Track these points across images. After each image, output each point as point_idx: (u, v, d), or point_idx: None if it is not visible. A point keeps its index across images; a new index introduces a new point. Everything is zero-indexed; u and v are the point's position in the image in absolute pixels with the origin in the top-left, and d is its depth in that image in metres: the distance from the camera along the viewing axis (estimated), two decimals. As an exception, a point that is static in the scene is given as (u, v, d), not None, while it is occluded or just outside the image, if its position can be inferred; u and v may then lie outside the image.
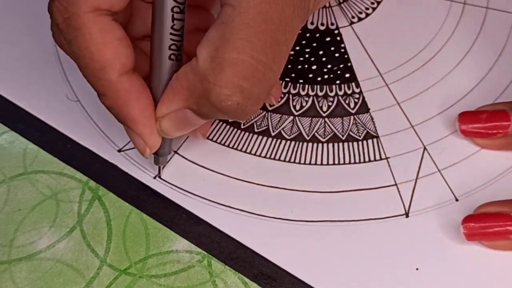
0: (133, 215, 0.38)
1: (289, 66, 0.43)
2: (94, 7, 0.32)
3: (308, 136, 0.40)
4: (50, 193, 0.39)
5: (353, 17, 0.45)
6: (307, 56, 0.43)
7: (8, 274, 0.36)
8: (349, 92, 0.42)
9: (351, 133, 0.40)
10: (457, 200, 0.37)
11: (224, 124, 0.41)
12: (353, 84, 0.42)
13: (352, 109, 0.41)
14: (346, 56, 0.43)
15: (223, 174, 0.39)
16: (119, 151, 0.40)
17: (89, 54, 0.32)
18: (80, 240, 0.37)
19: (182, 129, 0.35)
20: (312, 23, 0.45)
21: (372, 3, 0.46)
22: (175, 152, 0.40)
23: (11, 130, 0.41)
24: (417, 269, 0.35)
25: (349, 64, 0.43)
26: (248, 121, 0.41)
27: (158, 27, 0.33)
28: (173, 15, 0.33)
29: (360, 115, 0.41)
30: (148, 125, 0.34)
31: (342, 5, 0.46)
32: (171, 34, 0.33)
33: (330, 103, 0.41)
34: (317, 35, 0.44)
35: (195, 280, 0.36)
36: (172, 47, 0.33)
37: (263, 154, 0.39)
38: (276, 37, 0.31)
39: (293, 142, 0.40)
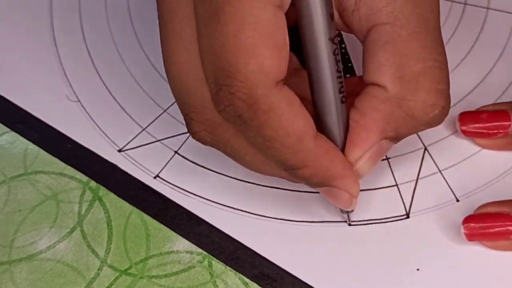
0: (134, 216, 0.38)
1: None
2: (275, 81, 0.29)
3: (308, 136, 0.40)
4: (50, 194, 0.39)
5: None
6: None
7: (9, 275, 0.36)
8: (350, 92, 0.41)
9: (351, 133, 0.40)
10: (458, 200, 0.37)
11: (225, 124, 0.41)
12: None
13: (353, 109, 0.41)
14: (346, 56, 0.43)
15: (223, 174, 0.39)
16: (119, 151, 0.40)
17: (283, 131, 0.30)
18: (80, 241, 0.37)
19: (375, 163, 0.34)
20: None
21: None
22: (176, 152, 0.40)
23: (11, 131, 0.41)
24: (418, 269, 0.35)
25: (349, 65, 0.43)
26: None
27: (323, 73, 0.31)
28: (335, 58, 0.31)
29: (361, 115, 0.40)
30: (351, 175, 0.33)
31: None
32: (337, 77, 0.32)
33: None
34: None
35: (196, 281, 0.36)
36: (342, 89, 0.32)
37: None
38: (438, 33, 0.32)
39: (293, 143, 0.40)
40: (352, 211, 0.36)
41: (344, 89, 0.32)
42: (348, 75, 0.42)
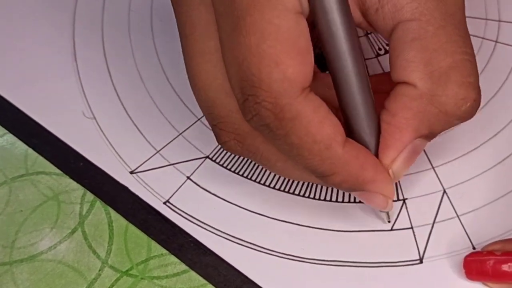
0: (135, 216, 0.38)
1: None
2: (301, 88, 0.29)
3: (324, 170, 0.39)
4: (51, 194, 0.39)
5: (379, 49, 0.44)
6: (330, 87, 0.42)
7: (10, 276, 0.36)
8: (370, 127, 0.40)
9: (369, 170, 0.39)
10: (474, 248, 0.36)
11: (240, 153, 0.40)
12: (375, 119, 0.41)
13: (373, 145, 0.40)
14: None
15: (235, 204, 0.38)
16: (131, 172, 0.39)
17: (310, 139, 0.30)
18: (81, 242, 0.37)
19: (411, 163, 0.33)
20: (337, 53, 0.44)
21: (401, 36, 0.44)
22: (188, 177, 0.39)
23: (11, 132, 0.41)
24: (427, 318, 0.34)
25: (372, 98, 0.42)
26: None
27: (348, 76, 0.31)
28: (359, 58, 0.31)
29: (380, 152, 0.39)
30: (385, 178, 0.32)
31: (369, 36, 0.45)
32: (363, 79, 0.31)
33: (350, 138, 0.40)
34: (342, 65, 0.43)
35: (197, 282, 0.35)
36: (369, 91, 0.32)
37: (277, 187, 0.38)
38: (464, 26, 0.31)
39: (309, 176, 0.39)
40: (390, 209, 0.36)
41: (371, 90, 0.32)
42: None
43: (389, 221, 0.37)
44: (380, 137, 0.32)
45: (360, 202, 0.38)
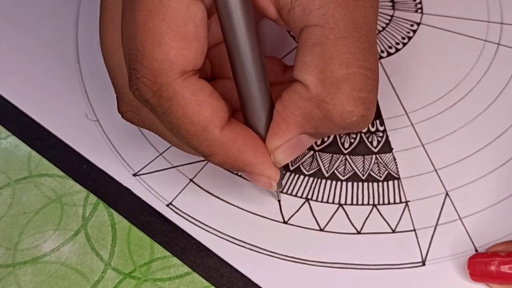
0: (138, 218, 0.38)
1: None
2: (181, 71, 0.30)
3: (327, 173, 0.39)
4: (54, 197, 0.39)
5: (382, 52, 0.44)
6: (332, 89, 0.42)
7: (13, 278, 0.36)
8: (372, 129, 0.40)
9: (372, 172, 0.39)
10: (476, 251, 0.36)
11: (242, 155, 0.40)
12: (378, 121, 0.41)
13: (375, 147, 0.40)
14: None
15: (237, 207, 0.38)
16: (134, 175, 0.39)
17: (187, 120, 0.31)
18: (84, 244, 0.37)
19: (295, 154, 0.34)
20: (340, 55, 0.44)
21: (403, 38, 0.44)
22: (191, 180, 0.39)
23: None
24: (430, 321, 0.34)
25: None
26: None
27: (240, 65, 0.32)
28: (256, 44, 0.32)
29: (382, 154, 0.40)
30: (265, 161, 0.34)
31: (372, 38, 0.45)
32: (259, 68, 0.32)
33: (352, 140, 0.40)
34: (344, 68, 0.43)
35: (200, 284, 0.36)
36: (264, 78, 0.33)
37: (280, 189, 0.38)
38: (369, 41, 0.31)
39: (311, 178, 0.39)
40: (282, 189, 0.38)
41: (266, 79, 0.33)
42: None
43: (278, 200, 0.38)
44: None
45: (361, 204, 0.38)
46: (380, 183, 0.38)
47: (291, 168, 0.39)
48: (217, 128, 0.32)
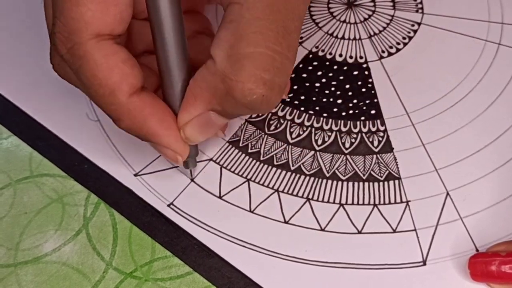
0: (139, 218, 0.38)
1: (314, 98, 0.42)
2: (95, 33, 0.32)
3: (328, 172, 0.39)
4: (56, 197, 0.39)
5: (383, 51, 0.44)
6: (333, 89, 0.42)
7: (14, 277, 0.36)
8: (373, 129, 0.41)
9: (372, 172, 0.39)
10: (477, 250, 0.36)
11: (243, 155, 0.40)
12: (378, 121, 0.41)
13: (376, 147, 0.40)
14: (373, 91, 0.42)
15: (238, 207, 0.38)
16: (136, 175, 0.39)
17: (97, 81, 0.32)
18: (85, 244, 0.37)
19: (206, 132, 0.35)
20: (340, 55, 0.44)
21: (404, 38, 0.45)
22: (192, 180, 0.39)
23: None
24: (431, 321, 0.34)
25: (375, 100, 0.42)
26: (268, 153, 0.40)
27: (160, 37, 0.33)
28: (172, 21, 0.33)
29: (383, 154, 0.40)
30: (171, 134, 0.34)
31: (372, 38, 0.45)
32: (179, 44, 0.33)
33: (353, 140, 0.40)
34: (345, 68, 0.43)
35: (201, 284, 0.36)
36: (181, 56, 0.34)
37: (280, 189, 0.38)
38: (286, 26, 0.31)
39: (312, 178, 0.39)
40: (194, 168, 0.39)
41: (187, 56, 0.34)
42: (373, 112, 0.41)
43: (192, 180, 0.39)
44: None
45: (362, 204, 0.38)
46: (381, 183, 0.38)
47: (292, 168, 0.39)
48: (124, 94, 0.33)
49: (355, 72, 0.43)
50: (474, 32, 0.44)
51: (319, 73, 0.43)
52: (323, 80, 0.43)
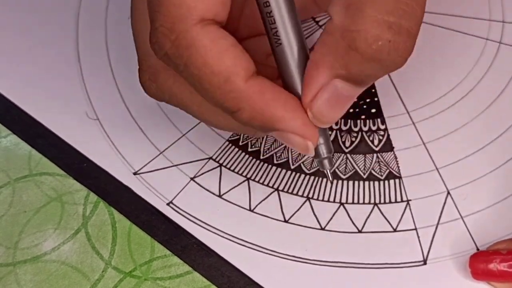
0: (138, 217, 0.38)
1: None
2: (200, 18, 0.29)
3: (328, 171, 0.39)
4: (55, 195, 0.39)
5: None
6: (333, 88, 0.42)
7: (13, 276, 0.36)
8: (374, 128, 0.40)
9: (373, 171, 0.39)
10: (478, 249, 0.36)
11: (243, 154, 0.40)
12: (379, 120, 0.41)
13: (376, 146, 0.40)
14: (373, 90, 0.42)
15: (238, 206, 0.38)
16: (135, 173, 0.39)
17: (209, 69, 0.29)
18: (85, 243, 0.37)
19: (337, 107, 0.31)
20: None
21: (404, 37, 0.44)
22: (191, 179, 0.39)
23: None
24: (431, 320, 0.34)
25: (376, 99, 0.41)
26: (268, 152, 0.40)
27: (274, 19, 0.30)
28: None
29: (383, 153, 0.39)
30: (298, 117, 0.31)
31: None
32: (292, 19, 0.31)
33: (353, 139, 0.40)
34: (345, 66, 0.43)
35: (200, 283, 0.36)
36: (298, 32, 0.31)
37: (280, 188, 0.38)
38: None
39: (312, 177, 0.39)
40: (332, 169, 0.35)
41: (301, 32, 0.31)
42: (373, 110, 0.41)
43: (331, 181, 0.37)
44: None
45: (363, 203, 0.38)
46: (381, 182, 0.38)
47: (292, 167, 0.39)
48: (241, 78, 0.29)
49: (356, 71, 0.43)
50: (474, 31, 0.44)
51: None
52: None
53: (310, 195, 0.38)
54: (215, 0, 0.29)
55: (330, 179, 0.35)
